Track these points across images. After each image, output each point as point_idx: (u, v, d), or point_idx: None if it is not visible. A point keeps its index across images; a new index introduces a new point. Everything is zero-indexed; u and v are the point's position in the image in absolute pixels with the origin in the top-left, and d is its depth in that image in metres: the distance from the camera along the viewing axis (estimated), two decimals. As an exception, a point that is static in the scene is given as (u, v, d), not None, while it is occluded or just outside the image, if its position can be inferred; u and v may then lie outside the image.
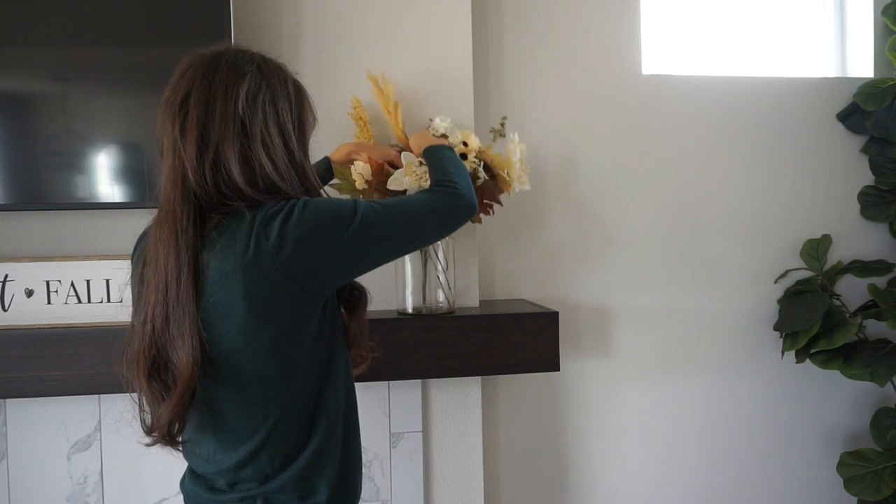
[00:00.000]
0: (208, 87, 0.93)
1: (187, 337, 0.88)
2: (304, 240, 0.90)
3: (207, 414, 0.96)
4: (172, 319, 0.89)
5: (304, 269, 0.91)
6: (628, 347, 1.94)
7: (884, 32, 2.01)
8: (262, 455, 0.96)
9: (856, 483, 1.84)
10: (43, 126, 1.47)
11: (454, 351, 1.52)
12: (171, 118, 0.93)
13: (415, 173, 1.38)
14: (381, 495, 1.66)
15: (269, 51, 1.04)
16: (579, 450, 1.93)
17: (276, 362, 0.93)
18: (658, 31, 2.01)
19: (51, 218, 1.54)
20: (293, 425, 0.96)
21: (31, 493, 1.55)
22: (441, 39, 1.65)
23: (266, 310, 0.90)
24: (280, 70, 1.01)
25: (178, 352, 0.89)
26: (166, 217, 0.91)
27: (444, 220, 1.06)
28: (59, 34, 1.45)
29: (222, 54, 0.96)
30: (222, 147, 0.91)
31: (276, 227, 0.90)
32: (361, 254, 0.96)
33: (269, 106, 0.96)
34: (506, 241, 1.86)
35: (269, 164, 0.93)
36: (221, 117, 0.91)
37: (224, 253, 0.90)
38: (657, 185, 1.93)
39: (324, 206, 0.94)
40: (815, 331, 1.81)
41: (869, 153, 2.00)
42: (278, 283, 0.89)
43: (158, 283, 0.90)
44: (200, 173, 0.91)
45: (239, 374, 0.93)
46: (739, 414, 1.99)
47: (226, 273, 0.89)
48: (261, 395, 0.94)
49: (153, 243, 0.92)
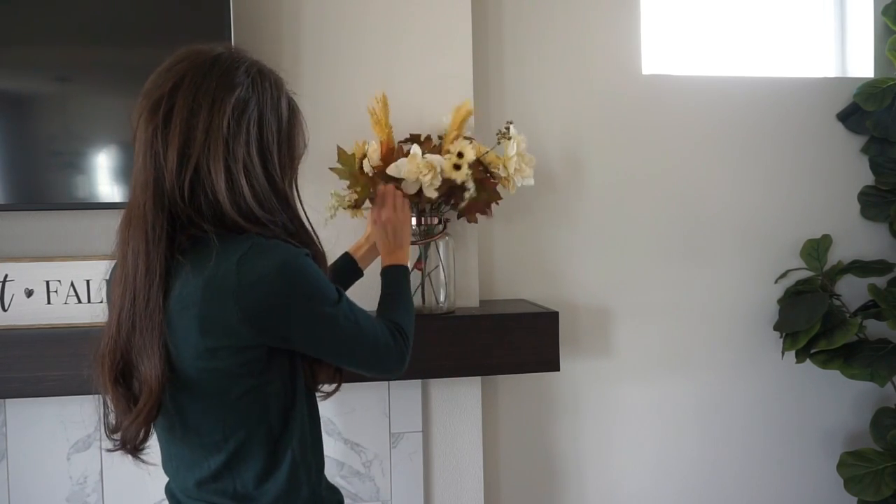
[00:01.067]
0: (195, 93, 0.87)
1: (155, 349, 0.86)
2: (280, 293, 0.86)
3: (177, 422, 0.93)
4: (138, 330, 0.87)
5: (263, 320, 0.87)
6: (628, 347, 1.94)
7: (884, 32, 2.01)
8: (225, 478, 0.94)
9: (856, 483, 1.84)
10: (43, 126, 1.47)
11: (454, 351, 1.52)
12: (148, 114, 0.88)
13: (417, 166, 1.38)
14: (381, 495, 1.66)
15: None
16: (579, 449, 1.93)
17: (231, 393, 0.90)
18: (658, 31, 2.01)
19: (51, 218, 1.54)
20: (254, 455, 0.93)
21: (31, 493, 1.55)
22: (441, 40, 1.65)
23: (220, 347, 0.87)
24: (276, 86, 0.95)
25: (146, 363, 0.87)
26: (137, 221, 0.87)
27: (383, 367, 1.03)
28: (59, 34, 1.45)
29: (218, 58, 0.91)
30: (205, 163, 0.87)
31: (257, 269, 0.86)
32: (318, 338, 0.92)
33: (253, 125, 0.90)
34: (506, 241, 1.86)
35: (247, 188, 0.88)
36: (204, 131, 0.87)
37: (187, 283, 0.86)
38: (657, 184, 1.93)
39: (317, 274, 0.91)
40: (815, 331, 1.81)
41: (869, 153, 2.00)
42: (232, 323, 0.85)
43: (126, 289, 0.88)
44: (180, 186, 0.87)
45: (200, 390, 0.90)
46: (739, 414, 1.99)
47: (185, 303, 0.86)
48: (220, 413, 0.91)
49: (120, 245, 0.89)
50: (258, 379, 0.91)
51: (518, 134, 1.47)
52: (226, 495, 0.94)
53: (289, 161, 0.96)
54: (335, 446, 1.64)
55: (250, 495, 0.94)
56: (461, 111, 1.48)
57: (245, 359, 0.89)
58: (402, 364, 1.05)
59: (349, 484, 1.65)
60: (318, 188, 1.59)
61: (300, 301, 0.89)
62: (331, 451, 1.64)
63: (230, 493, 0.94)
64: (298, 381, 0.97)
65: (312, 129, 1.59)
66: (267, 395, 0.93)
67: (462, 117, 1.48)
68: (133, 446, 0.92)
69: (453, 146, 1.43)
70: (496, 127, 1.78)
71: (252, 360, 0.89)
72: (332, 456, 1.64)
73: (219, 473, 0.93)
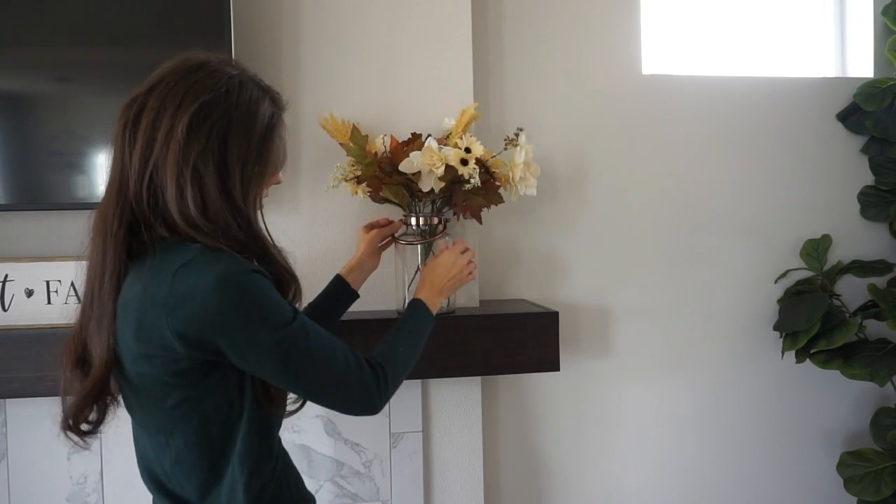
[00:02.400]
0: (165, 95, 0.87)
1: (104, 335, 0.89)
2: (211, 310, 0.82)
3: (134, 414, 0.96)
4: (94, 316, 0.90)
5: (193, 335, 0.83)
6: (628, 347, 1.94)
7: (884, 32, 2.01)
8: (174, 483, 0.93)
9: (856, 483, 1.84)
10: (43, 126, 1.47)
11: (454, 351, 1.52)
12: (122, 111, 0.90)
13: (432, 158, 1.37)
14: (381, 495, 1.66)
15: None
16: (579, 450, 1.93)
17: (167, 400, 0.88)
18: (658, 31, 2.01)
19: (51, 218, 1.54)
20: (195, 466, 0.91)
21: (31, 493, 1.54)
22: (441, 40, 1.65)
23: (153, 355, 0.86)
24: (255, 100, 0.92)
25: (95, 347, 0.90)
26: (100, 215, 0.90)
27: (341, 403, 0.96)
28: (59, 34, 1.45)
29: (203, 66, 0.90)
30: (160, 166, 0.86)
31: (190, 281, 0.83)
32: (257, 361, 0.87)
33: (214, 135, 0.87)
34: (506, 241, 1.86)
35: (193, 199, 0.86)
36: (164, 135, 0.86)
37: (131, 286, 0.88)
38: (657, 184, 1.93)
39: (262, 292, 0.86)
40: (815, 331, 1.81)
41: (869, 153, 2.00)
42: (164, 334, 0.84)
43: (88, 278, 0.92)
44: (139, 186, 0.87)
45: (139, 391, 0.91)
46: (739, 414, 1.99)
47: (125, 307, 0.88)
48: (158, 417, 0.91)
49: (90, 239, 0.92)
50: (194, 390, 0.88)
51: (527, 143, 1.47)
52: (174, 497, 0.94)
53: (257, 176, 0.93)
54: (335, 446, 1.64)
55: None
56: (467, 114, 1.49)
57: (178, 369, 0.86)
58: (368, 402, 0.96)
59: (349, 484, 1.65)
60: (318, 187, 1.59)
61: (236, 320, 0.84)
62: (331, 451, 1.64)
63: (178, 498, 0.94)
64: (247, 394, 0.92)
65: (312, 129, 1.60)
66: (205, 408, 0.89)
67: (467, 120, 1.49)
68: (75, 426, 0.93)
69: (461, 141, 1.43)
70: (495, 127, 1.78)
71: (185, 371, 0.87)
72: (332, 456, 1.64)
73: (168, 476, 0.93)
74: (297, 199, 1.61)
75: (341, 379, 0.93)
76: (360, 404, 0.96)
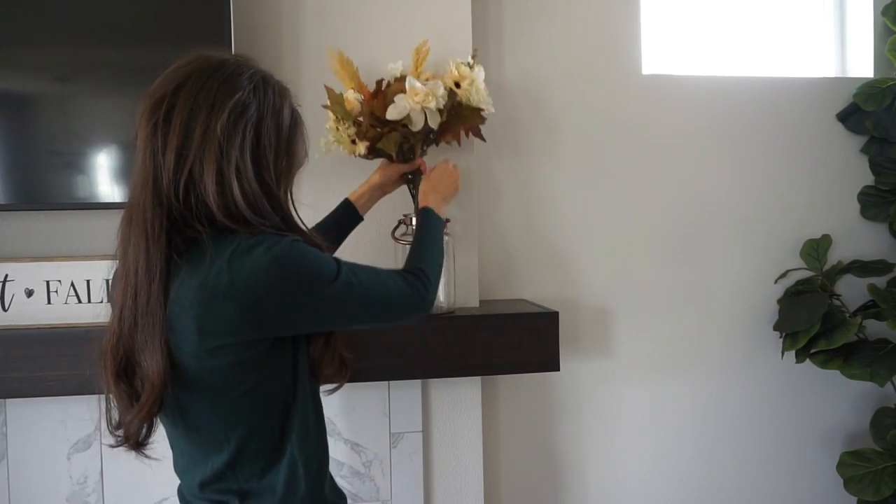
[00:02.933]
0: (196, 94, 0.89)
1: (157, 346, 0.87)
2: (275, 286, 0.86)
3: (179, 420, 0.94)
4: (141, 326, 0.88)
5: (264, 314, 0.87)
6: (628, 347, 1.94)
7: (884, 32, 2.01)
8: (229, 478, 0.94)
9: (856, 483, 1.84)
10: (43, 126, 1.47)
11: (454, 351, 1.52)
12: (150, 112, 0.89)
13: (418, 95, 1.36)
14: (381, 495, 1.66)
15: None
16: (579, 450, 1.93)
17: (232, 391, 0.91)
18: (658, 31, 2.01)
19: (51, 218, 1.54)
20: (256, 452, 0.94)
21: (31, 493, 1.55)
22: (440, 41, 1.65)
23: (219, 347, 0.87)
24: (279, 95, 0.96)
25: (147, 359, 0.88)
26: (137, 218, 0.89)
27: (403, 315, 1.05)
28: (59, 34, 1.45)
29: (224, 64, 0.92)
30: (199, 164, 0.87)
31: (247, 265, 0.86)
32: (326, 316, 0.94)
33: (250, 129, 0.91)
34: (506, 240, 1.86)
35: (238, 191, 0.89)
36: (202, 134, 0.87)
37: (183, 284, 0.87)
38: (657, 184, 1.93)
39: (309, 256, 0.91)
40: (814, 331, 1.81)
41: (869, 153, 2.00)
42: (233, 322, 0.86)
43: (128, 285, 0.89)
44: (175, 186, 0.88)
45: (200, 388, 0.91)
46: (739, 414, 1.99)
47: (182, 305, 0.87)
48: (221, 411, 0.92)
49: (121, 242, 0.90)
50: (258, 375, 0.91)
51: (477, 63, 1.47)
52: (230, 492, 0.95)
53: (286, 169, 0.97)
54: (335, 446, 1.64)
55: (252, 491, 0.95)
56: (420, 52, 1.47)
57: (246, 356, 0.89)
58: (421, 306, 1.06)
59: (349, 484, 1.65)
60: (317, 186, 1.59)
61: (298, 288, 0.89)
62: (331, 451, 1.64)
63: (234, 491, 0.95)
64: (301, 376, 0.97)
65: (312, 128, 1.59)
66: (267, 392, 0.93)
67: (423, 57, 1.47)
68: (135, 441, 0.93)
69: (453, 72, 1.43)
70: (496, 127, 1.78)
71: (253, 357, 0.90)
72: (333, 456, 1.64)
73: (222, 473, 0.94)
74: (297, 198, 1.60)
75: (397, 295, 1.02)
76: (419, 308, 1.06)
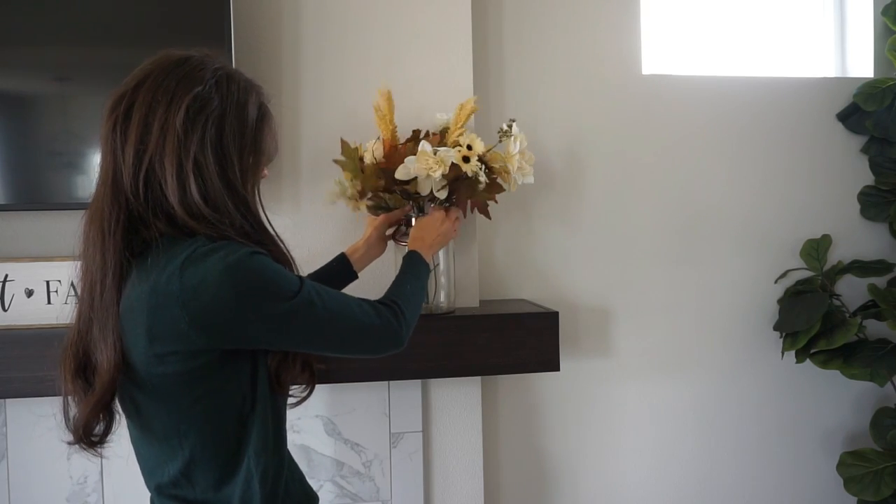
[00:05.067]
0: (155, 90, 0.87)
1: (109, 339, 0.86)
2: (223, 296, 0.83)
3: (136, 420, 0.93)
4: (95, 321, 0.88)
5: (212, 324, 0.84)
6: (628, 347, 1.94)
7: (884, 32, 2.01)
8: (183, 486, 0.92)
9: (856, 483, 1.84)
10: (43, 126, 1.47)
11: (454, 351, 1.52)
12: (110, 110, 0.89)
13: (427, 162, 1.36)
14: (381, 495, 1.66)
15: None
16: (579, 449, 1.93)
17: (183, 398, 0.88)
18: (658, 31, 2.01)
19: (51, 218, 1.54)
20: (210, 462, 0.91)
21: (31, 493, 1.54)
22: (441, 40, 1.65)
23: (169, 353, 0.85)
24: (244, 90, 0.93)
25: (100, 353, 0.87)
26: (95, 216, 0.88)
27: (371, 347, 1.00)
28: (59, 34, 1.45)
29: (187, 60, 0.91)
30: (158, 159, 0.86)
31: (199, 272, 0.83)
32: (279, 334, 0.89)
33: (211, 125, 0.88)
34: (506, 241, 1.86)
35: (196, 187, 0.86)
36: (160, 129, 0.86)
37: (134, 287, 0.86)
38: (657, 184, 1.93)
39: (267, 269, 0.87)
40: (815, 331, 1.81)
41: (869, 153, 2.00)
42: (182, 329, 0.83)
43: (86, 281, 0.89)
44: (135, 183, 0.86)
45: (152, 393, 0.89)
46: (739, 414, 1.99)
47: (133, 308, 0.86)
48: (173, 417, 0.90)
49: (83, 240, 0.90)
50: (209, 384, 0.89)
51: (520, 132, 1.47)
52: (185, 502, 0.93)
53: (253, 166, 0.94)
54: (335, 446, 1.64)
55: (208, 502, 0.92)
56: (465, 108, 1.47)
57: (195, 364, 0.87)
58: (391, 341, 1.01)
59: (349, 484, 1.65)
60: (317, 186, 1.59)
61: (250, 300, 0.85)
62: (331, 451, 1.64)
63: (189, 500, 0.92)
64: (260, 386, 0.93)
65: (312, 128, 1.60)
66: (221, 403, 0.90)
67: (466, 113, 1.47)
68: (87, 437, 0.91)
69: (462, 139, 1.42)
70: (496, 126, 1.78)
71: (202, 366, 0.87)
72: (332, 456, 1.64)
73: (177, 480, 0.92)
74: (297, 198, 1.61)
75: (364, 325, 0.97)
76: (388, 341, 1.01)
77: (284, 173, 1.60)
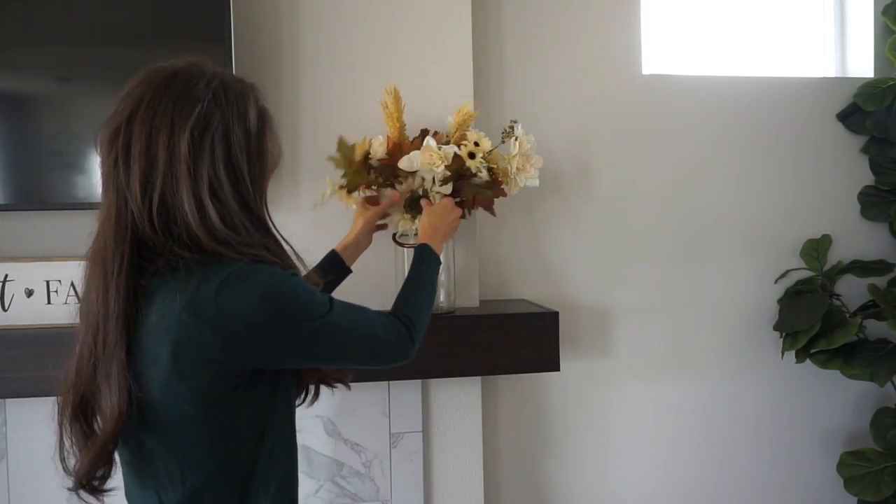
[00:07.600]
0: (152, 118, 0.83)
1: (115, 386, 0.82)
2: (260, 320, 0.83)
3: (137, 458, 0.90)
4: (100, 365, 0.84)
5: (244, 346, 0.83)
6: (628, 347, 1.93)
7: (884, 32, 2.01)
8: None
9: (856, 483, 1.84)
10: (43, 126, 1.47)
11: (454, 351, 1.52)
12: (107, 145, 0.85)
13: (431, 157, 1.37)
14: (381, 495, 1.66)
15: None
16: (579, 450, 1.93)
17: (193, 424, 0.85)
18: (658, 31, 2.01)
19: (51, 218, 1.54)
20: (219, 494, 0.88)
21: (31, 493, 1.54)
22: (441, 40, 1.65)
23: (192, 372, 0.83)
24: (242, 96, 0.90)
25: (104, 399, 0.83)
26: (97, 256, 0.85)
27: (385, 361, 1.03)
28: (59, 34, 1.45)
29: (175, 76, 0.86)
30: (169, 190, 0.83)
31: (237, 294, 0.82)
32: (308, 353, 0.90)
33: (218, 142, 0.85)
34: (506, 241, 1.86)
35: (216, 213, 0.84)
36: (167, 158, 0.82)
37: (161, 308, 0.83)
38: (657, 184, 1.93)
39: (301, 295, 0.87)
40: (815, 331, 1.81)
41: (869, 153, 2.00)
42: (213, 354, 0.82)
43: (88, 322, 0.86)
44: (148, 214, 0.83)
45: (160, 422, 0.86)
46: (739, 414, 1.99)
47: (159, 327, 0.82)
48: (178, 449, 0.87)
49: (85, 274, 0.87)
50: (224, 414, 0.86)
51: (525, 134, 1.47)
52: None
53: (260, 174, 0.92)
54: (335, 446, 1.64)
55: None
56: (462, 112, 1.48)
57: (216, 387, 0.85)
58: (404, 354, 1.05)
59: (349, 484, 1.65)
60: (317, 186, 1.59)
61: (287, 324, 0.86)
62: (331, 451, 1.64)
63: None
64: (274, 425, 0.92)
65: (313, 128, 1.60)
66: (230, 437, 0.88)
67: (463, 119, 1.48)
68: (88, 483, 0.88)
69: (469, 135, 1.43)
70: (496, 126, 1.78)
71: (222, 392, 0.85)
72: (332, 456, 1.64)
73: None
74: (297, 199, 1.61)
75: (382, 341, 1.01)
76: (399, 357, 1.04)
77: (284, 173, 1.60)
